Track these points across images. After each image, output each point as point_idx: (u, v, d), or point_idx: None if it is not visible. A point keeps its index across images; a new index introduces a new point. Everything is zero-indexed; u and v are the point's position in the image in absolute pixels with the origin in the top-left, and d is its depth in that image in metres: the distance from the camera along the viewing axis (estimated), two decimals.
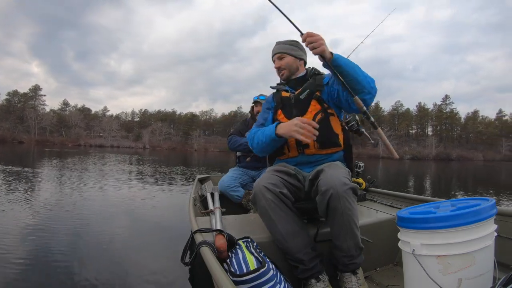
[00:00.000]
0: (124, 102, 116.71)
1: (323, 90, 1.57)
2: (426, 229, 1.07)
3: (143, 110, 79.74)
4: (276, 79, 1.77)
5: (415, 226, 1.10)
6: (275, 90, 1.74)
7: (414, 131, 69.63)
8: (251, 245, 1.23)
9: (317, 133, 1.32)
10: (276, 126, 1.45)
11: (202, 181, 3.02)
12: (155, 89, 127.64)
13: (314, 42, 1.27)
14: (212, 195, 2.21)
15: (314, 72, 1.66)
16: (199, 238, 1.21)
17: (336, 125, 1.54)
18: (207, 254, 1.04)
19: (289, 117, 1.57)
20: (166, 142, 65.54)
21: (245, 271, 1.08)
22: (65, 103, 72.36)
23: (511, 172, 17.67)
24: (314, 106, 1.54)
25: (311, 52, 1.33)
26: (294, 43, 1.69)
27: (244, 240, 1.26)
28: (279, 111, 1.64)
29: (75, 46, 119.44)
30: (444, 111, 66.67)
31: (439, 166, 26.02)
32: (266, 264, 1.11)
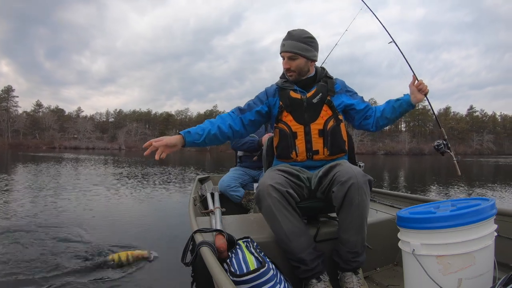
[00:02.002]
0: (97, 102, 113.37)
1: (333, 95, 1.54)
2: (426, 229, 1.07)
3: (117, 110, 78.15)
4: (254, 77, 1.67)
5: (415, 226, 1.10)
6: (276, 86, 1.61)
7: (387, 128, 70.94)
8: (251, 245, 1.23)
9: (156, 145, 1.35)
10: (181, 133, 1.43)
11: (202, 181, 3.02)
12: (128, 88, 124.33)
13: (424, 87, 1.53)
14: (212, 195, 2.21)
15: (326, 75, 1.59)
16: (199, 238, 1.21)
17: (344, 132, 1.55)
18: (207, 254, 1.04)
19: (301, 122, 1.50)
20: (142, 142, 63.49)
21: (245, 271, 1.08)
22: (38, 104, 70.14)
23: (481, 166, 18.41)
24: (326, 112, 1.51)
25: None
26: (308, 41, 1.50)
27: (244, 240, 1.26)
28: (287, 113, 1.52)
29: (46, 44, 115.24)
30: (417, 107, 67.64)
31: (412, 160, 26.90)
32: (266, 264, 1.11)
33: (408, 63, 1.77)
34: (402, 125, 70.82)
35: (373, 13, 1.84)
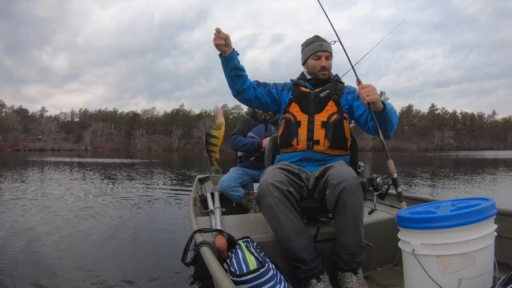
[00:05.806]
0: (59, 101, 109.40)
1: (341, 96, 1.63)
2: (426, 229, 1.07)
3: (83, 110, 75.95)
4: (221, 74, 1.59)
5: (415, 226, 1.10)
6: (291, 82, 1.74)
7: (352, 125, 72.10)
8: (251, 245, 1.23)
9: (223, 36, 1.42)
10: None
11: (202, 181, 3.02)
12: (92, 86, 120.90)
13: (368, 90, 1.33)
14: (212, 195, 2.21)
15: (337, 79, 1.71)
16: (199, 238, 1.21)
17: (347, 130, 1.60)
18: (207, 254, 1.04)
19: (306, 111, 1.59)
20: (109, 143, 63.24)
21: (245, 271, 1.08)
22: (1, 104, 66.69)
23: (442, 160, 19.77)
24: (331, 107, 1.59)
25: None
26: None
27: (244, 240, 1.26)
28: (294, 104, 1.63)
29: (5, 39, 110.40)
30: None
31: (376, 156, 27.86)
32: (266, 264, 1.11)
33: (352, 66, 1.66)
34: None
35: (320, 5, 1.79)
